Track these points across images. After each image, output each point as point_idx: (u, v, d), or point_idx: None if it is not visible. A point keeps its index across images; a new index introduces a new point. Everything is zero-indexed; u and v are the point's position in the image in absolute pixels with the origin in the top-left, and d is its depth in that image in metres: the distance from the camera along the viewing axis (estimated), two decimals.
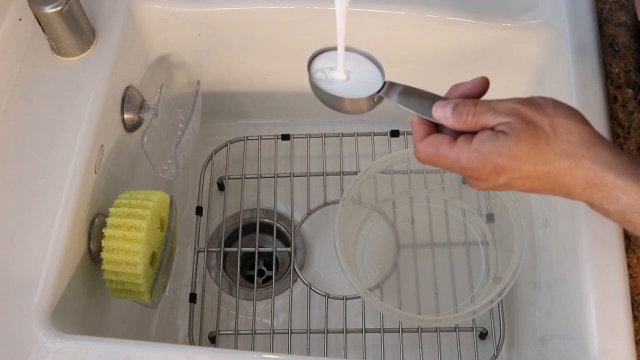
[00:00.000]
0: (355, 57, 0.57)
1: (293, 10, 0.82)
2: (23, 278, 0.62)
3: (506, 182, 0.50)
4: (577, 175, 0.49)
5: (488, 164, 0.49)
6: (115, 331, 0.78)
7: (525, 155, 0.48)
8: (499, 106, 0.50)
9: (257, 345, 0.83)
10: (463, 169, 0.51)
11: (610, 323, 0.60)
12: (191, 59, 0.89)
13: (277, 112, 1.01)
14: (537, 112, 0.49)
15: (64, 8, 0.69)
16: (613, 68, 0.74)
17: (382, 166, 0.83)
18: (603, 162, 0.49)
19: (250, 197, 0.95)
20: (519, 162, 0.49)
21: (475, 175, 0.51)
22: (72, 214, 0.65)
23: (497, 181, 0.50)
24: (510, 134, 0.49)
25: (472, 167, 0.50)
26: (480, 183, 0.52)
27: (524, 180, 0.50)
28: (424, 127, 0.53)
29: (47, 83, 0.73)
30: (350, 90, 0.55)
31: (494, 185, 0.51)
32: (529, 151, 0.48)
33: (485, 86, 0.54)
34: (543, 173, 0.49)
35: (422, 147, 0.52)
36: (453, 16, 0.80)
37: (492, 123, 0.50)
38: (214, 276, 0.92)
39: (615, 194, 0.48)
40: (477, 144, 0.50)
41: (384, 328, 0.82)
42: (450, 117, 0.51)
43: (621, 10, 0.78)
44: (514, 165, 0.49)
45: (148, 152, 0.76)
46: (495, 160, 0.49)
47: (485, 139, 0.49)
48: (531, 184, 0.50)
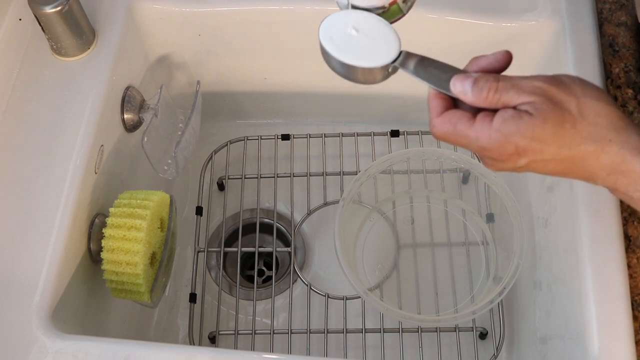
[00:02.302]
0: (369, 21, 0.52)
1: (293, 10, 0.82)
2: (23, 278, 0.62)
3: (527, 164, 0.47)
4: (602, 161, 0.46)
5: (509, 145, 0.46)
6: (115, 331, 0.78)
7: (550, 137, 0.46)
8: (523, 84, 0.47)
9: (257, 345, 0.83)
10: (482, 149, 0.48)
11: (610, 323, 0.60)
12: (191, 59, 0.89)
13: (277, 112, 1.01)
14: (564, 91, 0.47)
15: (64, 8, 0.69)
16: (613, 68, 0.74)
17: (382, 166, 0.83)
18: (633, 148, 0.46)
19: (250, 197, 0.95)
20: (543, 144, 0.46)
21: (495, 156, 0.48)
22: (72, 214, 0.65)
23: (517, 163, 0.47)
24: (535, 114, 0.46)
25: (491, 148, 0.47)
26: (498, 164, 0.49)
27: (545, 163, 0.47)
28: (441, 101, 0.50)
29: (47, 83, 0.73)
30: (363, 57, 0.51)
31: (512, 166, 0.48)
32: (554, 133, 0.46)
33: (508, 60, 0.50)
34: (567, 157, 0.46)
35: (439, 123, 0.49)
36: (453, 16, 0.80)
37: (516, 102, 0.47)
38: (214, 276, 0.92)
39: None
40: (498, 124, 0.47)
41: (384, 328, 0.82)
42: (469, 93, 0.48)
43: (621, 10, 0.78)
44: (537, 148, 0.46)
45: (148, 152, 0.76)
46: (517, 141, 0.46)
47: (508, 118, 0.46)
48: (553, 167, 0.47)
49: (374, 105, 0.97)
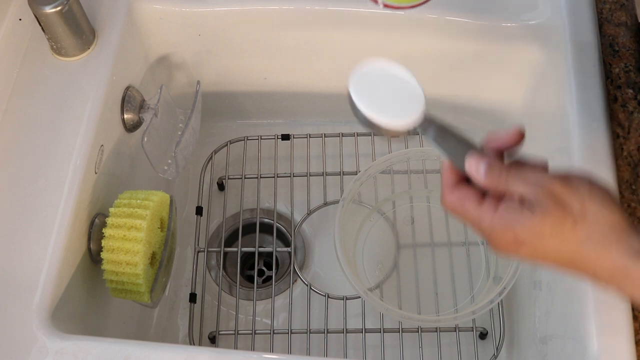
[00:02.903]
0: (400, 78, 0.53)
1: (293, 10, 0.82)
2: (23, 278, 0.62)
3: (528, 253, 0.48)
4: (603, 265, 0.46)
5: (508, 233, 0.47)
6: (115, 331, 0.78)
7: (549, 233, 0.46)
8: (532, 177, 0.48)
9: (257, 345, 0.83)
10: (483, 231, 0.49)
11: (610, 323, 0.60)
12: (191, 59, 0.89)
13: (277, 112, 1.01)
14: (569, 190, 0.47)
15: (64, 8, 0.69)
16: (613, 68, 0.74)
17: (382, 166, 0.83)
18: (631, 253, 0.46)
19: (250, 197, 0.95)
20: (542, 239, 0.47)
21: (495, 241, 0.49)
22: (72, 214, 0.65)
23: (517, 251, 0.48)
24: (536, 210, 0.47)
25: (492, 233, 0.48)
26: (500, 249, 0.50)
27: (547, 256, 0.48)
28: (454, 175, 0.52)
29: (47, 83, 0.73)
30: (389, 115, 0.51)
31: (514, 254, 0.49)
32: (553, 230, 0.46)
33: (520, 137, 0.51)
34: (566, 255, 0.47)
35: (449, 197, 0.51)
36: (453, 16, 0.80)
37: (522, 191, 0.48)
38: (214, 276, 0.92)
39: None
40: (502, 211, 0.48)
41: (384, 328, 0.82)
42: (482, 176, 0.49)
43: (621, 10, 0.78)
44: (536, 242, 0.47)
45: (148, 152, 0.76)
46: (517, 231, 0.47)
47: (512, 208, 0.48)
48: (555, 260, 0.48)
49: None
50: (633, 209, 0.65)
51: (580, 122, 0.70)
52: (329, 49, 0.88)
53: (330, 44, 0.87)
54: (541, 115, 0.83)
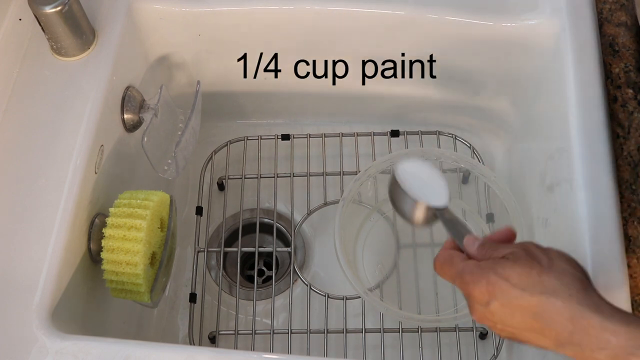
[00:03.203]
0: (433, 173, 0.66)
1: (293, 10, 0.82)
2: (23, 278, 0.62)
3: (496, 309, 0.52)
4: (563, 315, 0.49)
5: (482, 279, 0.52)
6: (115, 331, 0.79)
7: (516, 278, 0.51)
8: (514, 244, 0.56)
9: (257, 345, 0.83)
10: (462, 282, 0.54)
11: None
12: (191, 59, 0.89)
13: (277, 112, 1.01)
14: (540, 250, 0.54)
15: (64, 8, 0.69)
16: (613, 68, 0.74)
17: (382, 166, 0.83)
18: (591, 304, 0.49)
19: (250, 197, 0.95)
20: (509, 283, 0.51)
21: (470, 293, 0.54)
22: (72, 214, 0.65)
23: (488, 306, 0.52)
24: (510, 259, 0.53)
25: (469, 281, 0.54)
26: (475, 305, 0.54)
27: (512, 310, 0.51)
28: (452, 245, 0.60)
29: (47, 83, 0.73)
30: (425, 198, 0.64)
31: (483, 310, 0.53)
32: (520, 274, 0.51)
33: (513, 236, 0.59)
34: (530, 303, 0.50)
35: (442, 253, 0.59)
36: (453, 16, 0.80)
37: (504, 253, 0.54)
38: (214, 276, 0.92)
39: (604, 336, 0.47)
40: (483, 262, 0.54)
41: (384, 328, 0.82)
42: (475, 248, 0.57)
43: (621, 10, 0.78)
44: (504, 286, 0.51)
45: (148, 152, 0.76)
46: (489, 276, 0.52)
47: (492, 260, 0.54)
48: (520, 316, 0.51)
49: (374, 105, 0.97)
50: (633, 209, 0.65)
51: (580, 122, 0.70)
52: (329, 48, 0.88)
53: (330, 44, 0.87)
54: (541, 115, 0.83)
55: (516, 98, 0.89)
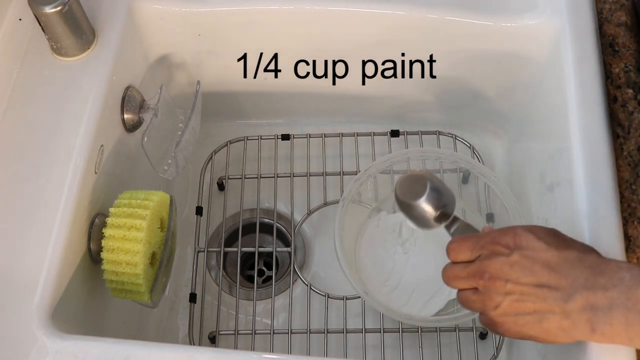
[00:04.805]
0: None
1: (293, 10, 0.82)
2: (23, 278, 0.62)
3: (517, 259, 0.55)
4: (584, 262, 0.54)
5: (510, 231, 0.57)
6: (115, 331, 0.78)
7: (543, 235, 0.56)
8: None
9: (257, 345, 0.84)
10: (486, 241, 0.58)
11: None
12: (191, 59, 0.89)
13: (277, 112, 1.01)
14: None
15: (64, 8, 0.69)
16: (613, 68, 0.74)
17: (382, 166, 0.83)
18: (607, 255, 0.56)
19: (250, 197, 0.95)
20: (536, 237, 0.55)
21: (497, 241, 0.57)
22: (72, 214, 0.65)
23: (509, 255, 0.56)
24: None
25: (495, 234, 0.57)
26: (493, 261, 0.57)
27: (533, 263, 0.55)
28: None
29: (47, 83, 0.73)
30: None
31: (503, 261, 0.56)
32: (547, 234, 0.56)
33: None
34: (552, 256, 0.54)
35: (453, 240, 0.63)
36: (453, 16, 0.80)
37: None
38: (214, 276, 0.92)
39: (619, 274, 0.51)
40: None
41: (384, 328, 0.82)
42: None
43: (621, 10, 0.78)
44: (530, 237, 0.55)
45: (148, 152, 0.76)
46: (517, 229, 0.56)
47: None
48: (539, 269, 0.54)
49: (374, 105, 0.97)
50: (633, 208, 0.65)
51: (580, 122, 0.70)
52: (329, 48, 0.88)
53: (330, 44, 0.87)
54: (541, 115, 0.83)
55: (516, 98, 0.89)
